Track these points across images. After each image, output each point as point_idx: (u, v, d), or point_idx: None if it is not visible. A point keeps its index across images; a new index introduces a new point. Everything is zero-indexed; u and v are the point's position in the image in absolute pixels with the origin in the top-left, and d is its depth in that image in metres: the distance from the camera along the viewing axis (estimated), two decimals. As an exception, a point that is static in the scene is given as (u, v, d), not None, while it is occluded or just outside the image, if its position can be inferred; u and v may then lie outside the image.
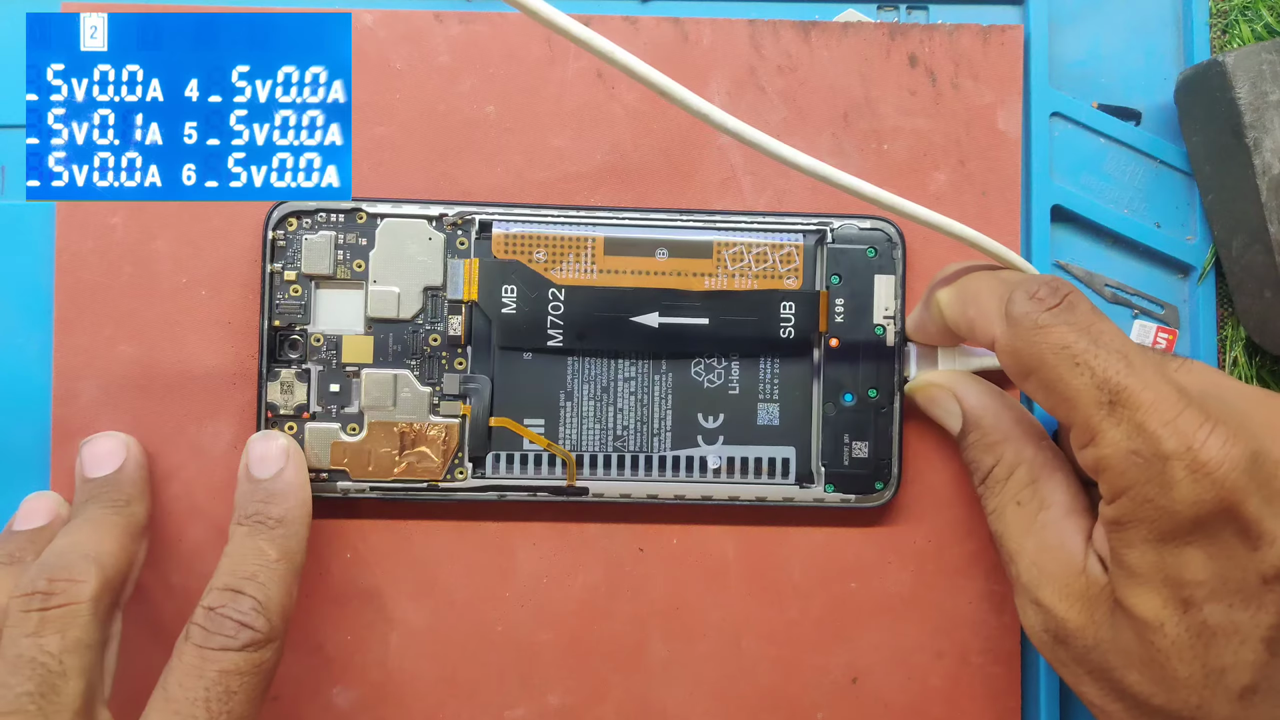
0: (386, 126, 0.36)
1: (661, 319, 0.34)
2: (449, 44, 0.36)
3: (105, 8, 0.36)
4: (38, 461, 0.35)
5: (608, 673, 0.35)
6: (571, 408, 0.34)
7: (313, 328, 0.34)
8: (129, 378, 0.35)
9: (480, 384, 0.34)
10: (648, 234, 0.34)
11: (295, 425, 0.34)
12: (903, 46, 0.36)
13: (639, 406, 0.34)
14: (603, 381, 0.34)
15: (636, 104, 0.36)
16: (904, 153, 0.36)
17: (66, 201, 0.35)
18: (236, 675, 0.28)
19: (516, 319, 0.34)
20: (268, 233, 0.34)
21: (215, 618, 0.28)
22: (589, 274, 0.34)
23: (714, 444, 0.34)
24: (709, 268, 0.34)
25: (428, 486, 0.34)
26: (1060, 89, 0.37)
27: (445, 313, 0.34)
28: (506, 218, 0.34)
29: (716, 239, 0.34)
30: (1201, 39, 0.37)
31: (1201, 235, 0.37)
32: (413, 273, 0.34)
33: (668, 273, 0.34)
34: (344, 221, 0.34)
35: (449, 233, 0.34)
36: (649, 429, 0.34)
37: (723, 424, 0.34)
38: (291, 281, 0.34)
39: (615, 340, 0.34)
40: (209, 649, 0.28)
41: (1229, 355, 0.37)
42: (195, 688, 0.27)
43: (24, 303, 0.36)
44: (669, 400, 0.34)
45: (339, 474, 0.34)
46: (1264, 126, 0.34)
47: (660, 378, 0.34)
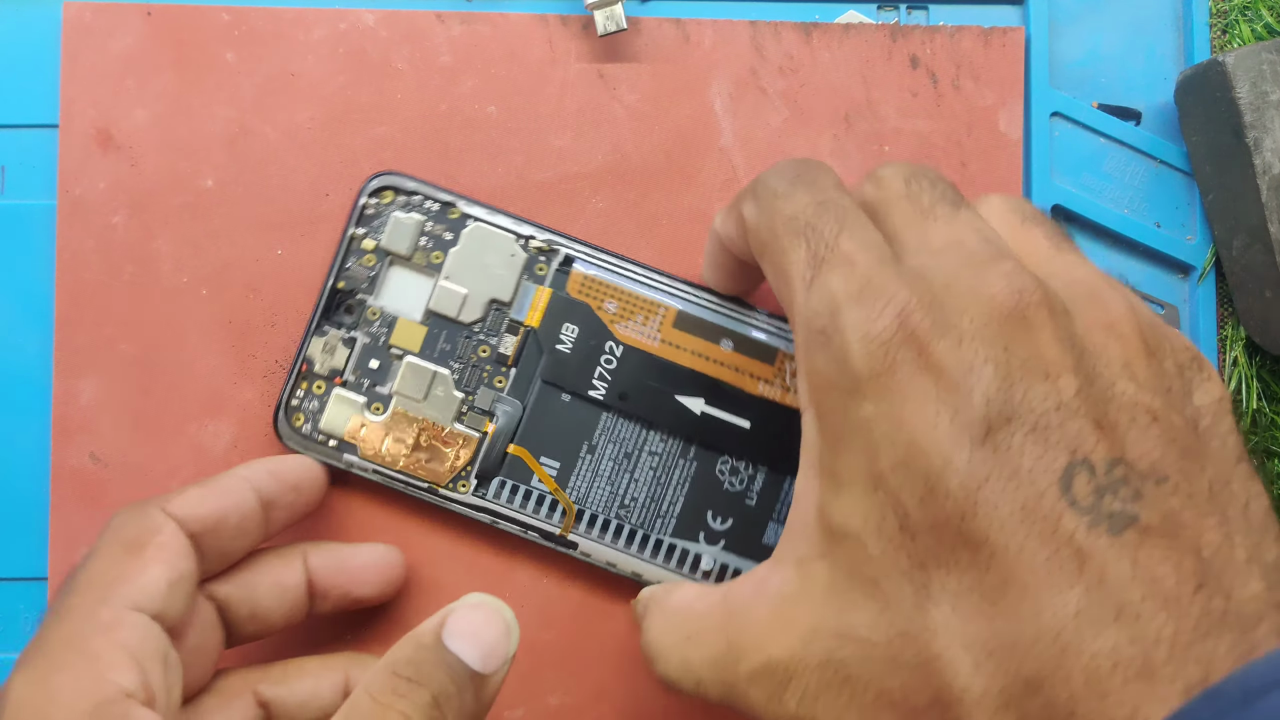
0: (388, 126, 0.36)
1: (705, 407, 0.33)
2: (450, 44, 0.36)
3: (105, 7, 0.36)
4: (38, 461, 0.35)
5: (608, 674, 0.35)
6: (590, 461, 0.34)
7: (373, 300, 0.34)
8: (129, 378, 0.35)
9: (512, 408, 0.33)
10: (720, 320, 0.34)
11: (324, 385, 0.34)
12: (904, 48, 0.37)
13: (655, 483, 0.34)
14: (628, 447, 0.34)
15: (638, 104, 0.36)
16: (905, 154, 0.36)
17: (67, 201, 0.35)
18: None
19: (568, 358, 0.34)
20: (361, 198, 0.34)
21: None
22: (651, 340, 0.34)
23: (715, 545, 0.34)
24: (768, 373, 0.34)
25: (427, 488, 0.34)
26: (1060, 89, 0.37)
27: (503, 329, 0.34)
28: (591, 258, 0.34)
29: (783, 348, 0.34)
30: (1201, 39, 0.37)
31: (1202, 235, 0.37)
32: (485, 281, 0.34)
33: (727, 364, 0.34)
34: (437, 211, 0.34)
35: (531, 254, 0.34)
36: (657, 508, 0.34)
37: (730, 529, 0.34)
38: (369, 251, 0.34)
39: (654, 412, 0.34)
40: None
41: (1229, 355, 0.37)
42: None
43: (24, 302, 0.36)
44: (685, 488, 0.34)
45: (349, 447, 0.33)
46: (1264, 126, 0.34)
47: (685, 463, 0.34)
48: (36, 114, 0.36)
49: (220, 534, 0.29)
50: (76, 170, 0.35)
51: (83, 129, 0.35)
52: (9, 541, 0.35)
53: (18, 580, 0.35)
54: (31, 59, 0.36)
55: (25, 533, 0.35)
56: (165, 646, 0.26)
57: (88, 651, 0.25)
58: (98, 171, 0.35)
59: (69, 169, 0.35)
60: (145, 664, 0.25)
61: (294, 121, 0.36)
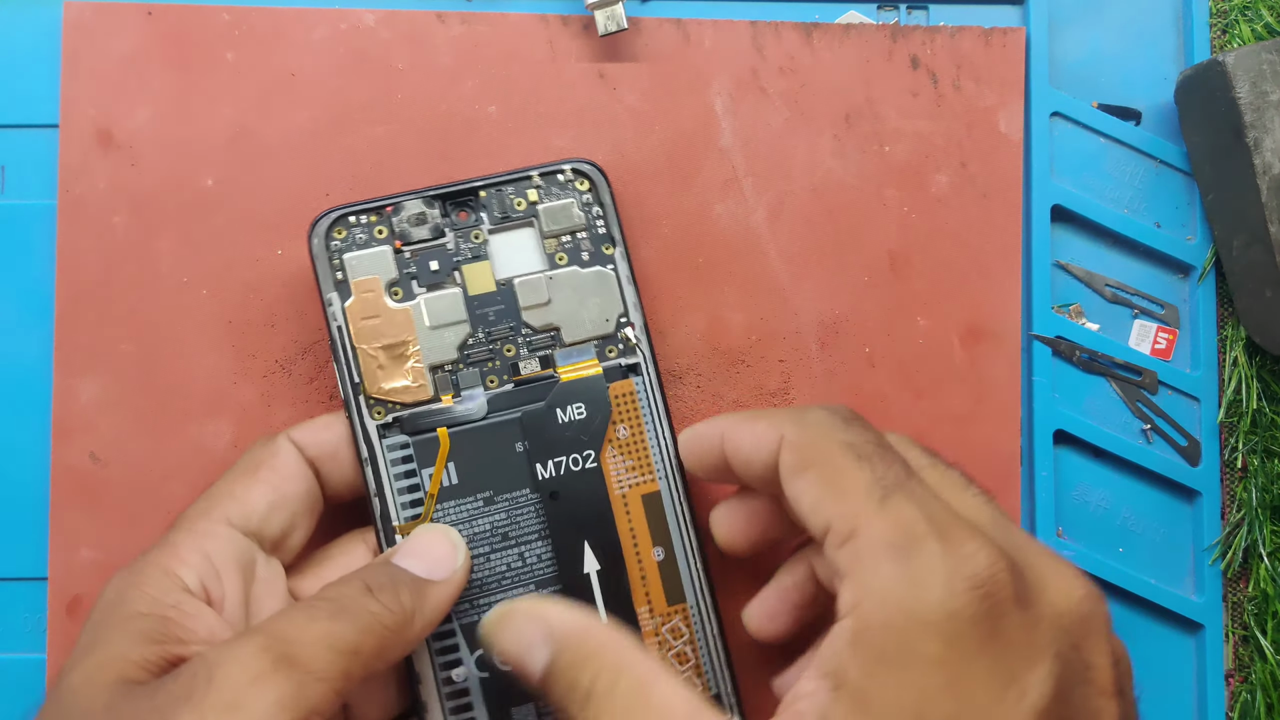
0: (388, 126, 0.36)
1: (595, 568, 0.32)
2: (451, 44, 0.36)
3: (105, 6, 0.36)
4: (38, 461, 0.35)
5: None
6: (479, 508, 0.32)
7: (466, 245, 0.33)
8: (129, 378, 0.35)
9: (475, 409, 0.32)
10: (671, 527, 0.33)
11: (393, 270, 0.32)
12: (904, 48, 0.37)
13: (506, 571, 0.32)
14: (515, 531, 0.32)
15: (638, 104, 0.36)
16: (905, 154, 0.36)
17: (67, 201, 0.35)
18: None
19: (553, 425, 0.32)
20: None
21: None
22: (618, 484, 0.33)
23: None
24: (662, 603, 0.32)
25: (356, 384, 0.32)
26: (1061, 89, 0.37)
27: (537, 353, 0.33)
28: (648, 387, 0.33)
29: (690, 600, 0.33)
30: (1201, 39, 0.37)
31: (1202, 235, 0.37)
32: (583, 310, 0.33)
33: (645, 565, 0.32)
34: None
35: (619, 332, 0.33)
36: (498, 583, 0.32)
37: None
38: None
39: (559, 528, 0.32)
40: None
41: (1229, 355, 0.37)
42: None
43: (25, 302, 0.35)
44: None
45: (345, 290, 0.32)
46: (1264, 126, 0.34)
47: (534, 584, 0.32)
48: (37, 114, 0.36)
49: (341, 460, 0.31)
50: (77, 170, 0.35)
51: (83, 129, 0.35)
52: (9, 541, 0.35)
53: (17, 580, 0.35)
54: (32, 59, 0.36)
55: (25, 532, 0.35)
56: (251, 559, 0.29)
57: (173, 553, 0.28)
58: (98, 171, 0.35)
59: (69, 169, 0.35)
60: (221, 570, 0.28)
61: (294, 121, 0.36)
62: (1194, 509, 0.37)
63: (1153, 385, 0.37)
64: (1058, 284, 0.37)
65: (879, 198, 0.36)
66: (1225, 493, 0.37)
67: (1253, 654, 0.36)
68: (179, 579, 0.28)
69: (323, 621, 0.26)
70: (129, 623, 0.26)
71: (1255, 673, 0.36)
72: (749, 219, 0.36)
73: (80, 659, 0.26)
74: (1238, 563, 0.36)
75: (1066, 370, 0.37)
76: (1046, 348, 0.36)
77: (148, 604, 0.27)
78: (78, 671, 0.26)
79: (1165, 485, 0.37)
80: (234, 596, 0.29)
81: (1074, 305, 0.37)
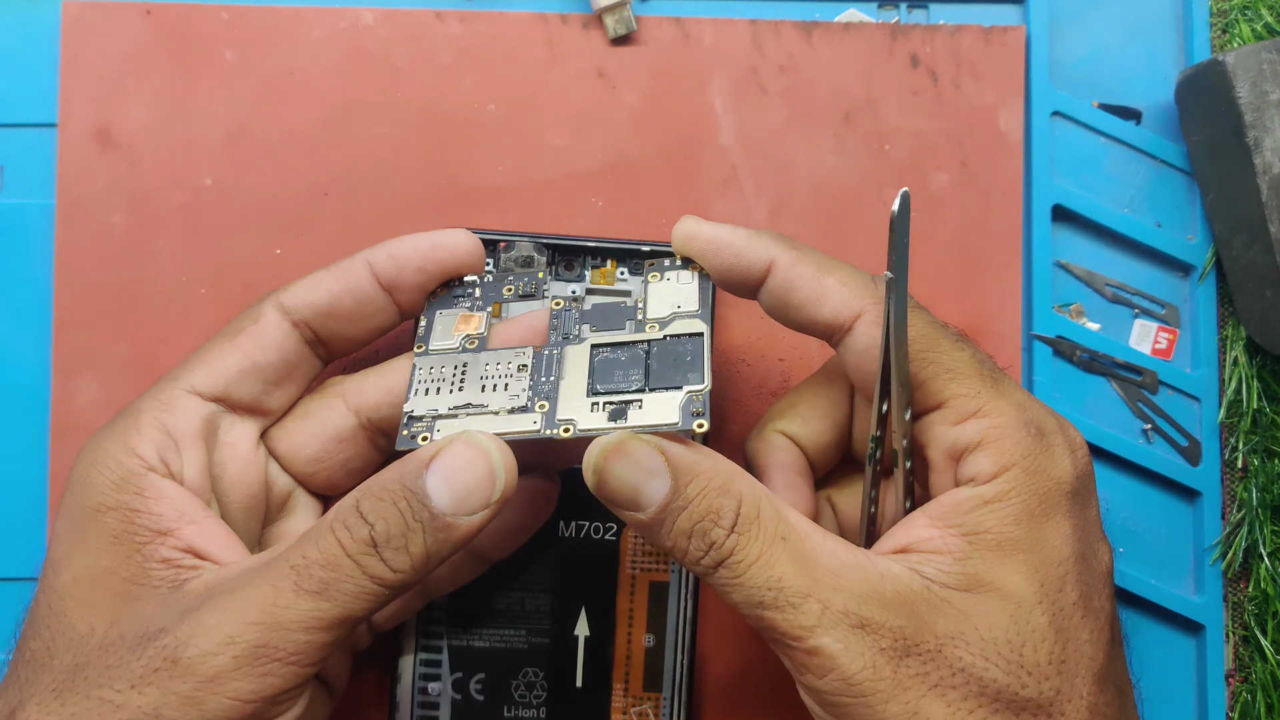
0: (387, 126, 0.36)
1: (585, 631, 0.33)
2: (450, 43, 0.36)
3: (104, 6, 0.36)
4: (37, 461, 0.35)
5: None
6: (499, 570, 0.32)
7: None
8: (129, 378, 0.35)
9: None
10: (651, 618, 0.34)
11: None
12: (904, 47, 0.37)
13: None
14: (519, 595, 0.33)
15: (638, 104, 0.36)
16: (905, 153, 0.36)
17: (66, 201, 0.35)
18: None
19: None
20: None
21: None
22: (630, 566, 0.33)
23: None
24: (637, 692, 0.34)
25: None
26: (1061, 88, 0.37)
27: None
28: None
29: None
30: (1202, 39, 0.37)
31: (1202, 235, 0.37)
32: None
33: (635, 655, 0.34)
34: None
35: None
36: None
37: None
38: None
39: (559, 576, 0.33)
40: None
41: (1229, 355, 0.37)
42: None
43: (24, 302, 0.35)
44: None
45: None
46: (1264, 126, 0.34)
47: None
48: (36, 113, 0.36)
49: (337, 317, 0.30)
50: (76, 170, 0.35)
51: (82, 128, 0.35)
52: (8, 541, 0.35)
53: (17, 580, 0.35)
54: (31, 58, 0.36)
55: (25, 533, 0.35)
56: (214, 425, 0.29)
57: (135, 426, 0.28)
58: (97, 171, 0.35)
59: (68, 168, 0.35)
60: (180, 440, 0.28)
61: (293, 120, 0.36)
62: (1194, 509, 0.37)
63: (1153, 385, 0.37)
64: (1058, 283, 0.37)
65: (879, 197, 0.36)
66: (1226, 493, 0.37)
67: (1253, 654, 0.36)
68: (138, 457, 0.28)
69: (307, 600, 0.25)
70: (98, 518, 0.27)
71: (1256, 673, 0.36)
72: (749, 217, 0.36)
73: (61, 564, 0.27)
74: (1238, 563, 0.36)
75: (1067, 370, 0.37)
76: (1047, 347, 0.36)
77: (112, 494, 0.27)
78: (64, 578, 0.27)
79: (1166, 485, 0.37)
80: (195, 465, 0.28)
81: (1074, 305, 0.37)
